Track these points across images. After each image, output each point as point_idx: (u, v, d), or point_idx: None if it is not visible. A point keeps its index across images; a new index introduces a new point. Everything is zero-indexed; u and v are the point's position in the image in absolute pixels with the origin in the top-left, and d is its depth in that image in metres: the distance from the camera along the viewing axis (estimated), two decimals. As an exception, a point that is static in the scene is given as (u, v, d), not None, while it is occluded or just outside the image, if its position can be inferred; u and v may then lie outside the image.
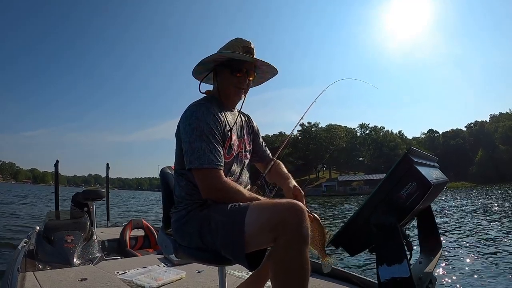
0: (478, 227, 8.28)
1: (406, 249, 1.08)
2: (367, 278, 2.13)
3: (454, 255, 5.16)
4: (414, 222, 1.45)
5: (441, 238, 1.47)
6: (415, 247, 1.23)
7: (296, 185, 1.49)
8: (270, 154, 1.71)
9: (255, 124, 1.66)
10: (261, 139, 1.69)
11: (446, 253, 5.20)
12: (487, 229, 7.85)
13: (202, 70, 1.47)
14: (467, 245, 6.01)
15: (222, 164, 1.30)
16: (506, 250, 5.47)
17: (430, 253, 1.39)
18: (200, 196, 1.33)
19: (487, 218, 10.28)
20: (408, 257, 1.08)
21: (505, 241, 6.27)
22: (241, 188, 1.31)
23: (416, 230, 1.47)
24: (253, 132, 1.63)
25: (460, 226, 8.58)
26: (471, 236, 7.00)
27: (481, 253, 5.29)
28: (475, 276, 4.02)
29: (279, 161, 1.67)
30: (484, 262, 4.71)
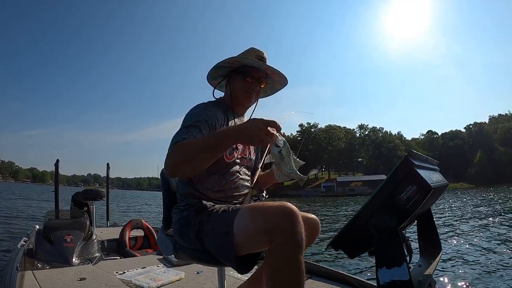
0: (478, 229, 8.29)
1: (405, 252, 1.08)
2: (366, 281, 2.13)
3: (454, 258, 5.16)
4: (414, 225, 1.46)
5: (441, 241, 1.47)
6: (414, 250, 1.23)
7: None
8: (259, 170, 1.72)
9: None
10: (259, 154, 1.72)
11: (446, 256, 5.20)
12: (487, 231, 7.85)
13: (217, 76, 1.52)
14: (467, 248, 6.01)
15: None
16: (506, 252, 5.47)
17: (429, 256, 1.39)
18: (201, 198, 1.36)
19: (486, 220, 10.29)
20: (408, 260, 1.08)
21: (505, 243, 6.27)
22: (196, 139, 1.21)
23: (416, 233, 1.47)
24: None
25: (460, 229, 8.58)
26: (471, 238, 7.00)
27: (481, 256, 5.29)
28: (475, 279, 4.02)
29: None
30: (484, 264, 4.71)
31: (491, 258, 5.12)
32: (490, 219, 10.48)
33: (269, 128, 1.12)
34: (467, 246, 6.12)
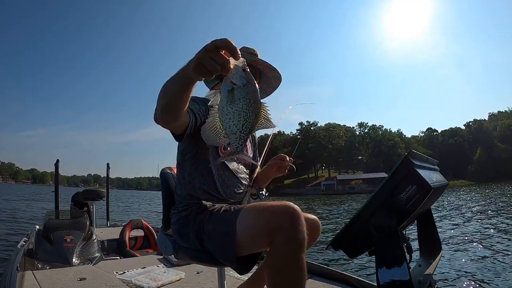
0: (478, 228, 8.27)
1: (405, 252, 1.08)
2: (366, 281, 2.13)
3: (454, 258, 5.15)
4: (414, 225, 1.46)
5: (441, 241, 1.47)
6: (414, 250, 1.23)
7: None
8: (258, 168, 1.74)
9: (256, 136, 1.70)
10: (257, 152, 1.73)
11: (446, 255, 5.19)
12: (487, 230, 7.84)
13: (212, 78, 1.51)
14: (467, 247, 6.00)
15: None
16: (506, 251, 5.47)
17: (429, 256, 1.39)
18: (199, 198, 1.35)
19: (486, 218, 10.28)
20: (408, 260, 1.08)
21: (505, 242, 6.27)
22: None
23: (416, 233, 1.47)
24: (253, 143, 1.66)
25: (459, 227, 8.57)
26: (471, 237, 6.99)
27: (481, 255, 5.28)
28: (475, 279, 4.01)
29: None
30: (484, 264, 4.70)
31: (492, 257, 5.11)
32: (491, 217, 10.48)
33: (222, 51, 0.78)
34: (467, 245, 6.12)
